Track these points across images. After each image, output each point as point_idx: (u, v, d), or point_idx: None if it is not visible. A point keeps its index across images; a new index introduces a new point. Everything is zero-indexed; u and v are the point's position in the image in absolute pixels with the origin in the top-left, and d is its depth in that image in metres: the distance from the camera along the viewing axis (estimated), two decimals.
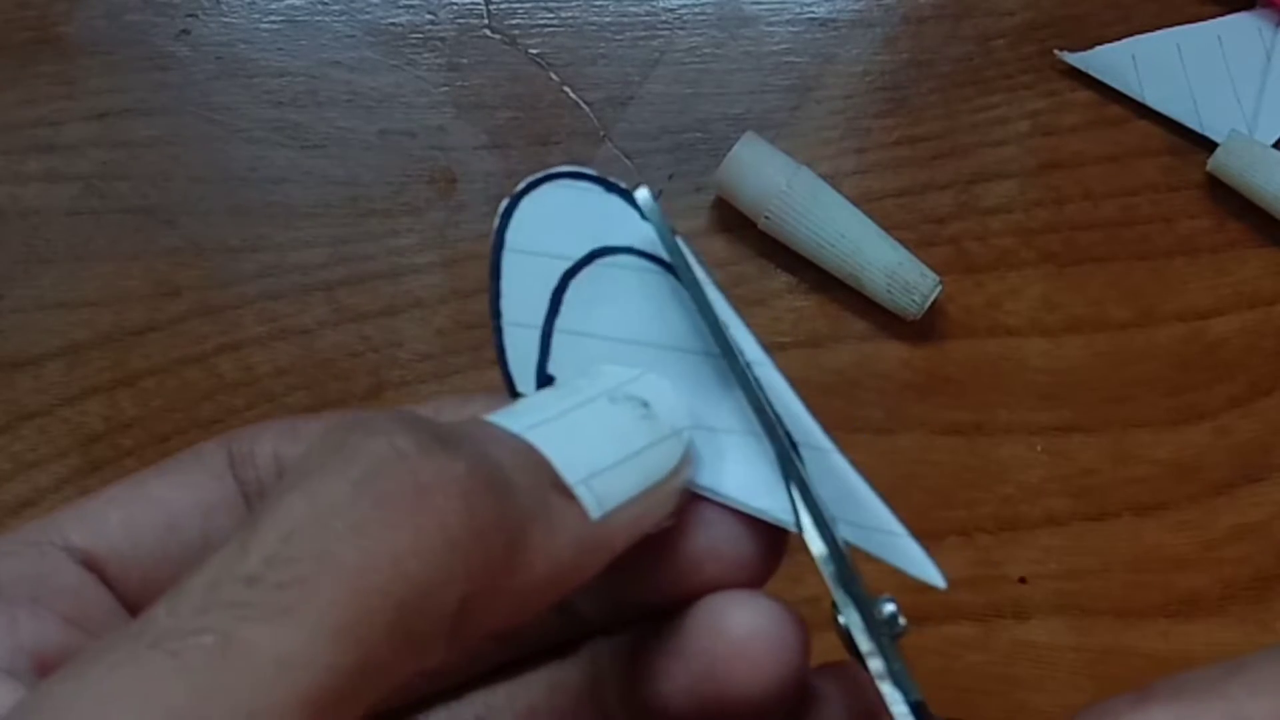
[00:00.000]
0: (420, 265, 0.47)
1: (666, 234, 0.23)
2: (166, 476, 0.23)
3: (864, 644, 0.22)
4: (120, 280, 0.47)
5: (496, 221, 0.23)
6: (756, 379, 0.23)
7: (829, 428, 0.48)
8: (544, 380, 0.23)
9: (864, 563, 0.23)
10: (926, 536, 0.46)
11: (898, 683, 0.22)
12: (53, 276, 0.47)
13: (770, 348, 0.48)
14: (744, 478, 0.23)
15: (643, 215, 0.23)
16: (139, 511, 0.22)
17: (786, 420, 0.23)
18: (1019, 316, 0.47)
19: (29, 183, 0.48)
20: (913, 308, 0.45)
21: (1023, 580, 0.44)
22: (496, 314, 0.23)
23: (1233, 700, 0.21)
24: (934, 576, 0.22)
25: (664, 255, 0.23)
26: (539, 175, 0.23)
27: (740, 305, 0.48)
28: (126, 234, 0.48)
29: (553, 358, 0.23)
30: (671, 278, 0.23)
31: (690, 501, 0.22)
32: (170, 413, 0.46)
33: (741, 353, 0.23)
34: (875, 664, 0.22)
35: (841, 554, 0.22)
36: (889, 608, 0.22)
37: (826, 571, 0.22)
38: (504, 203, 0.23)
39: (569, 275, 0.23)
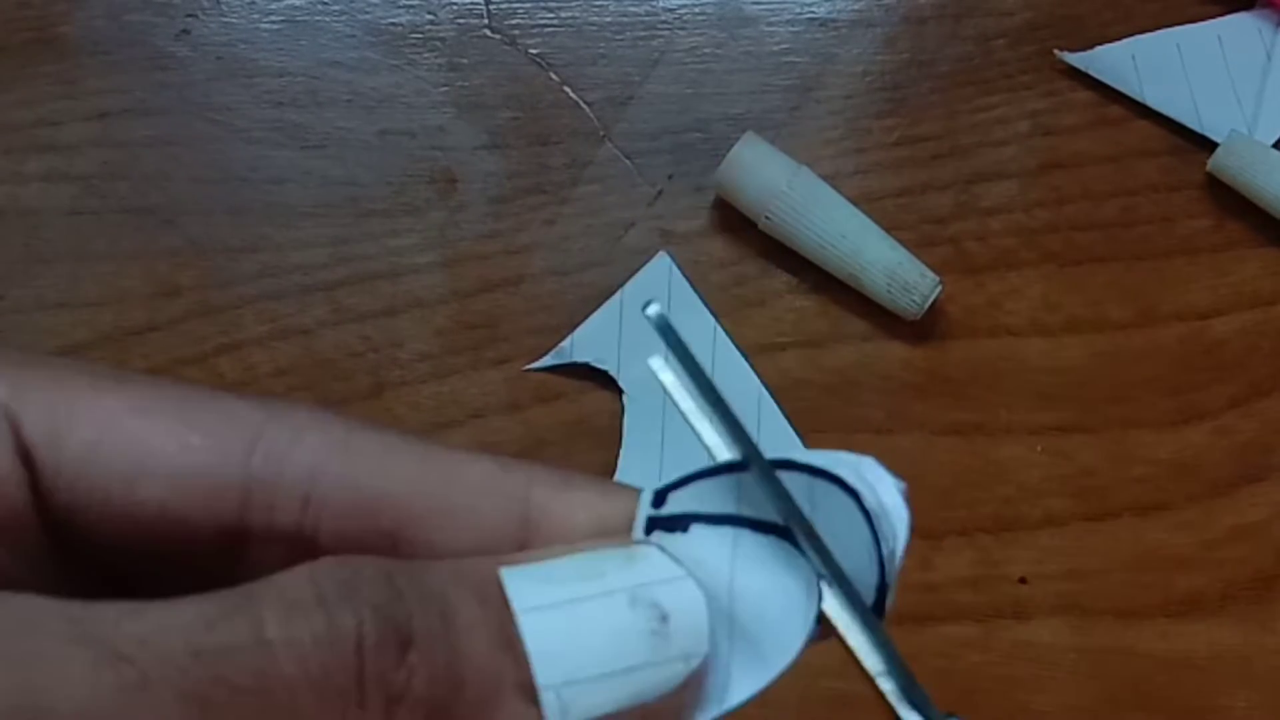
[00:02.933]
0: (420, 265, 0.47)
1: (683, 359, 0.22)
2: (181, 413, 0.20)
3: None
4: (120, 280, 0.47)
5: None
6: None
7: (829, 428, 0.48)
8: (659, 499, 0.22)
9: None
10: (927, 536, 0.46)
11: None
12: (53, 276, 0.47)
13: (770, 348, 0.49)
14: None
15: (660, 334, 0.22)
16: (116, 437, 0.20)
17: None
18: (1019, 316, 0.47)
19: (29, 183, 0.48)
20: (913, 308, 0.45)
21: (1023, 580, 0.44)
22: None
23: None
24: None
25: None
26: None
27: (740, 305, 0.48)
28: (126, 234, 0.48)
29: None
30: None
31: None
32: None
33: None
34: None
35: (908, 675, 0.21)
36: None
37: (890, 692, 0.21)
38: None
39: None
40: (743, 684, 0.21)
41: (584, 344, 0.46)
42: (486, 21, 0.50)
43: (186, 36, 0.50)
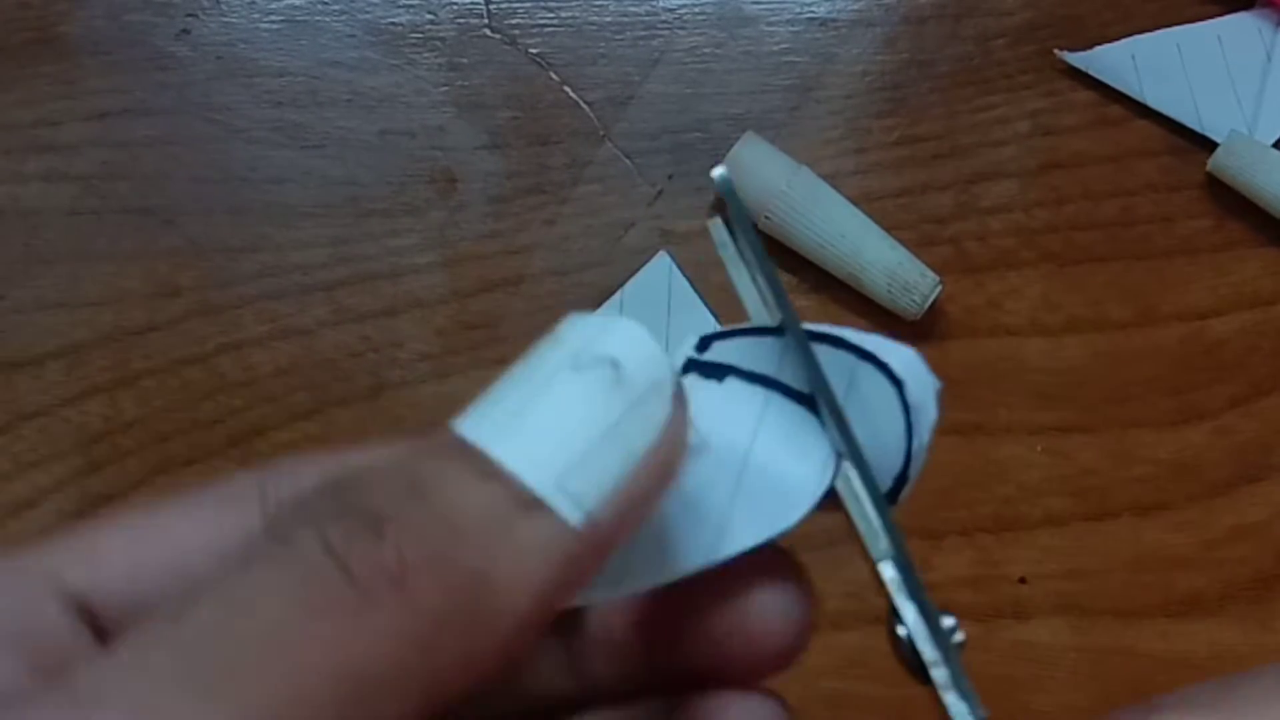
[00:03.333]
0: (420, 265, 0.47)
1: (742, 217, 0.22)
2: (188, 509, 0.21)
3: (929, 653, 0.21)
4: (120, 280, 0.47)
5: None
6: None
7: None
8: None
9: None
10: (927, 536, 0.46)
11: (963, 694, 0.21)
12: (53, 276, 0.47)
13: None
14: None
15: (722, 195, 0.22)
16: (146, 550, 0.21)
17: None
18: (1019, 316, 0.47)
19: (29, 183, 0.48)
20: (913, 308, 0.45)
21: (1023, 580, 0.44)
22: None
23: (1241, 714, 0.21)
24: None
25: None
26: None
27: (741, 305, 0.48)
28: (126, 234, 0.48)
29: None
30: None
31: (722, 574, 0.21)
32: (170, 413, 0.46)
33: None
34: (939, 673, 0.21)
35: (909, 565, 0.21)
36: (949, 620, 0.21)
37: (890, 580, 0.22)
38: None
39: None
40: (739, 536, 0.21)
41: None
42: (486, 21, 0.50)
43: (186, 36, 0.50)
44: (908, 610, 0.21)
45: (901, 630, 0.21)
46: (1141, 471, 0.45)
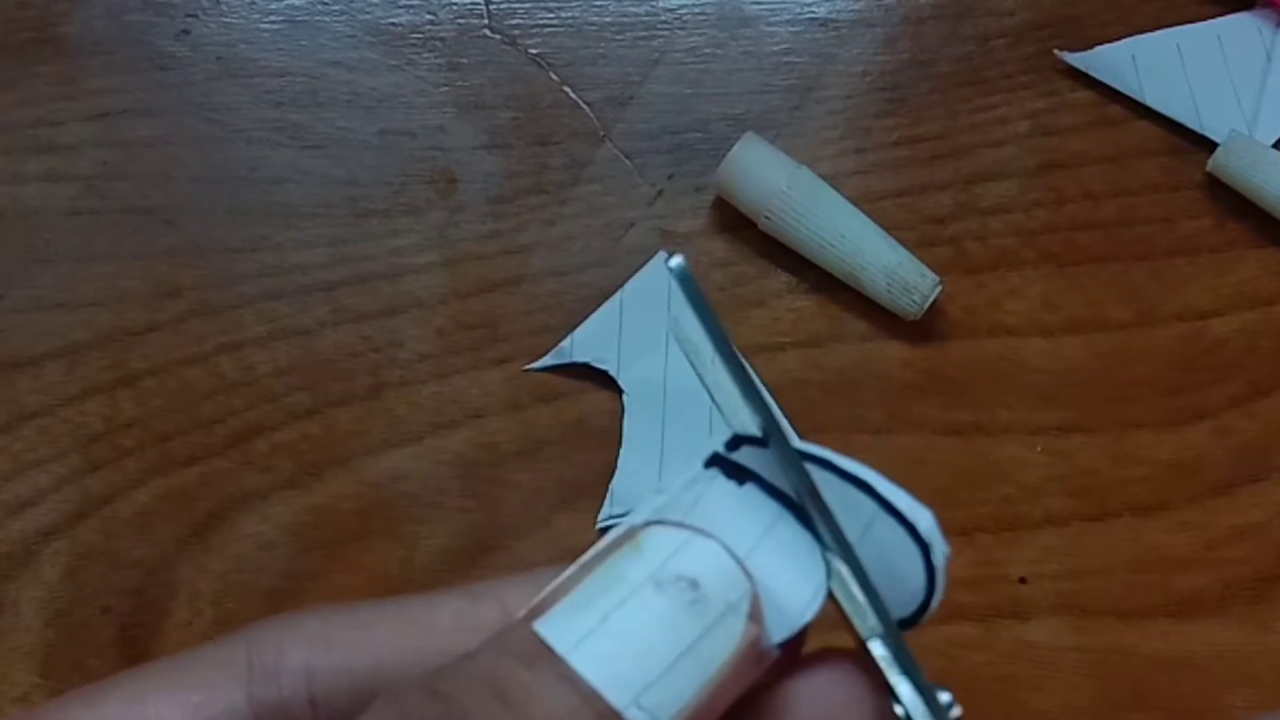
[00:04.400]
0: (420, 265, 0.47)
1: (700, 305, 0.22)
2: (167, 683, 0.22)
3: None
4: (120, 280, 0.47)
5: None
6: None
7: (828, 428, 0.48)
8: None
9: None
10: None
11: None
12: (53, 276, 0.47)
13: (770, 348, 0.49)
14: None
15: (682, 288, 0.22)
16: None
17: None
18: (1019, 316, 0.47)
19: (29, 183, 0.48)
20: (913, 308, 0.45)
21: (1023, 580, 0.44)
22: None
23: None
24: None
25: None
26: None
27: (740, 305, 0.48)
28: (126, 234, 0.48)
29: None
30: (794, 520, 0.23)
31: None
32: (170, 413, 0.46)
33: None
34: None
35: (902, 644, 0.22)
36: (945, 696, 0.22)
37: (882, 658, 0.22)
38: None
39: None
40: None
41: (584, 344, 0.46)
42: (486, 21, 0.50)
43: (186, 36, 0.50)
44: (903, 687, 0.22)
45: (899, 709, 0.22)
46: (1141, 471, 0.45)
